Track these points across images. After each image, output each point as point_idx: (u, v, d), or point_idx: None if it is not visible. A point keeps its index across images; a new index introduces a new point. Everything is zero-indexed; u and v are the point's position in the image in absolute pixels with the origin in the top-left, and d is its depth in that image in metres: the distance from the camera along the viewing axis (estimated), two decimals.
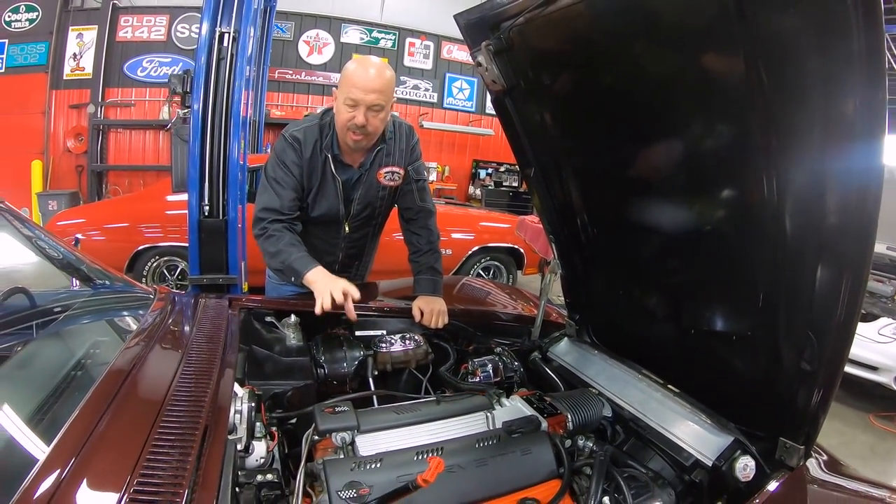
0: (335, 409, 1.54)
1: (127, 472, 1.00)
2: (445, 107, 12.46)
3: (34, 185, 10.07)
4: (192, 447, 1.10)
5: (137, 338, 1.63)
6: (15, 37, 10.20)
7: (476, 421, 1.67)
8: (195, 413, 1.23)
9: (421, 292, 2.37)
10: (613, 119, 1.65)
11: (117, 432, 1.14)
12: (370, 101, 2.15)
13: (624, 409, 1.75)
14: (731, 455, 1.45)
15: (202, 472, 1.05)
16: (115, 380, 1.33)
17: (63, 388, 1.44)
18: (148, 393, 1.35)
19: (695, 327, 1.69)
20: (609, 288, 2.04)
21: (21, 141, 10.27)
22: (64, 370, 1.57)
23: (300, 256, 2.20)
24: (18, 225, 2.25)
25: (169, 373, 1.42)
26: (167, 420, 1.19)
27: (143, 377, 1.40)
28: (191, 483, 0.99)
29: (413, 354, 2.08)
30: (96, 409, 1.18)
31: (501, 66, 1.75)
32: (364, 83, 2.14)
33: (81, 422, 1.13)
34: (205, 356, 1.54)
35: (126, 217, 6.32)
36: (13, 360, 1.63)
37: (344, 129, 2.23)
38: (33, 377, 1.57)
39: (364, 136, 2.24)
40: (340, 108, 2.21)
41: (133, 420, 1.20)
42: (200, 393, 1.32)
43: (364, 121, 2.17)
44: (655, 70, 1.45)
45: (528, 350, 2.24)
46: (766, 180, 1.23)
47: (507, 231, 6.83)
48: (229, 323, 1.89)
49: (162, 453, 1.07)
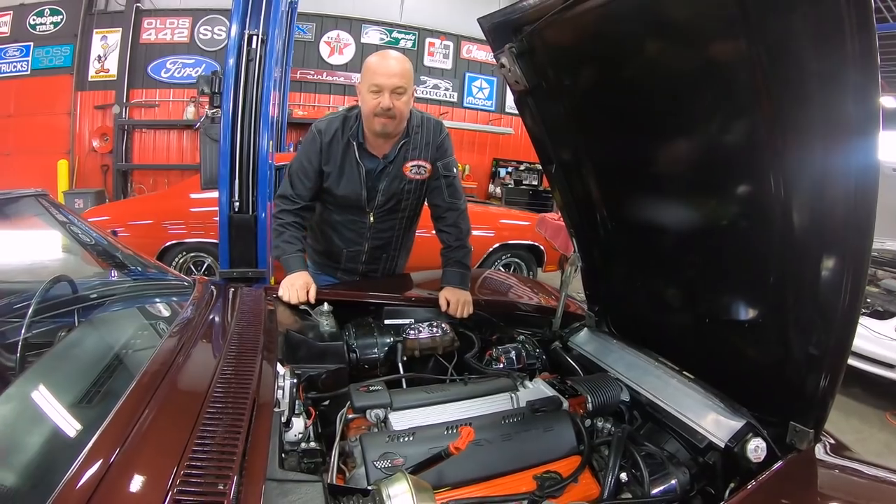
0: (369, 388, 1.65)
1: (184, 439, 1.08)
2: (465, 106, 12.49)
3: (60, 183, 10.23)
4: (243, 417, 1.19)
5: (183, 323, 1.73)
6: (40, 40, 10.45)
7: (501, 400, 1.78)
8: (244, 388, 1.32)
9: (448, 284, 2.48)
10: (629, 117, 1.72)
11: (172, 404, 1.24)
12: (393, 85, 2.33)
13: (641, 394, 1.82)
14: (744, 437, 1.50)
15: (252, 439, 1.13)
16: (166, 358, 1.43)
17: (111, 373, 1.53)
18: (198, 370, 1.45)
19: (709, 316, 1.75)
20: (627, 280, 2.12)
21: (48, 141, 10.51)
22: (110, 356, 1.68)
23: (291, 257, 2.48)
24: (62, 217, 2.38)
25: (216, 354, 1.53)
26: (217, 394, 1.28)
27: (191, 358, 1.50)
28: (243, 448, 1.08)
29: (440, 341, 2.19)
30: (149, 386, 1.27)
31: (524, 67, 1.83)
32: (385, 69, 2.35)
33: (134, 397, 1.22)
34: (247, 339, 1.64)
35: (151, 214, 6.46)
36: (59, 347, 1.72)
37: (371, 116, 2.38)
38: (80, 364, 1.65)
39: (390, 119, 2.38)
40: (366, 97, 2.38)
41: (187, 393, 1.32)
42: (247, 370, 1.42)
43: (389, 103, 2.33)
44: (668, 70, 1.52)
45: (550, 340, 2.32)
46: (773, 177, 1.30)
47: (528, 228, 6.93)
48: (266, 309, 2.00)
49: (215, 420, 1.16)
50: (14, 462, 1.13)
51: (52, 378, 1.50)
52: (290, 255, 2.46)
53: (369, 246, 2.79)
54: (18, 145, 10.54)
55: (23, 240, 2.37)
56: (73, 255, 2.48)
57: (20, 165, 10.46)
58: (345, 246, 2.80)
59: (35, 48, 10.47)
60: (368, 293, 2.48)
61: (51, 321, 1.88)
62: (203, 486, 0.95)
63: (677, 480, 1.52)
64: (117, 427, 1.09)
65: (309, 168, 2.57)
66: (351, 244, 2.79)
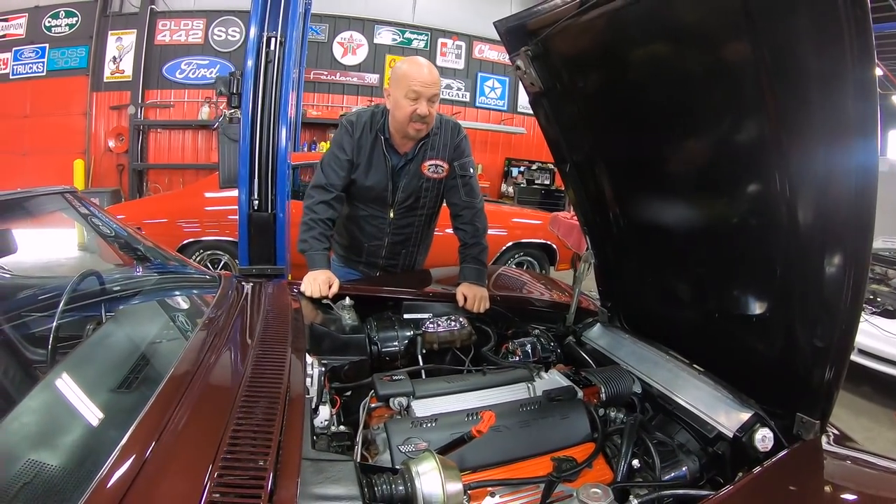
0: (392, 378, 1.73)
1: (223, 422, 1.15)
2: (478, 106, 12.53)
3: (76, 183, 10.21)
4: (278, 402, 1.25)
5: (213, 315, 1.81)
6: (55, 41, 10.64)
7: (519, 390, 1.85)
8: (278, 376, 1.39)
9: (465, 280, 2.54)
10: (641, 118, 1.78)
11: (210, 392, 1.32)
12: (430, 93, 2.46)
13: (652, 386, 1.87)
14: (751, 427, 1.54)
15: (287, 421, 1.20)
16: (200, 349, 1.50)
17: (142, 367, 1.57)
18: (233, 360, 1.53)
19: (718, 311, 1.80)
20: (639, 276, 2.17)
21: (64, 141, 10.69)
22: (144, 348, 1.74)
23: (316, 254, 2.53)
24: (91, 212, 2.45)
25: (247, 344, 1.60)
26: (252, 382, 1.34)
27: (225, 348, 1.57)
28: (280, 430, 1.15)
29: (458, 335, 2.24)
30: (184, 377, 1.33)
31: (539, 69, 1.89)
32: (423, 78, 2.45)
33: (171, 386, 1.27)
34: (276, 330, 1.71)
35: (166, 213, 6.54)
36: (89, 343, 1.79)
37: (406, 120, 2.48)
38: (112, 356, 1.71)
39: (425, 125, 2.50)
40: (402, 102, 2.47)
41: (222, 380, 1.40)
42: (279, 360, 1.48)
43: (426, 111, 2.46)
44: (677, 72, 1.58)
45: (563, 334, 2.37)
46: (779, 175, 1.35)
47: (540, 227, 6.96)
48: (292, 303, 2.08)
49: (251, 405, 1.23)
50: (50, 454, 1.16)
51: (84, 371, 1.55)
52: (315, 252, 2.52)
53: (389, 241, 2.88)
54: (35, 145, 10.71)
55: (51, 235, 2.43)
56: (100, 249, 2.53)
57: (37, 165, 10.60)
58: (366, 240, 2.89)
59: (51, 50, 10.65)
60: (388, 288, 2.56)
61: (81, 315, 1.95)
62: (244, 462, 1.02)
63: (687, 468, 1.56)
64: (154, 416, 1.14)
65: (342, 157, 2.64)
66: (372, 239, 2.88)
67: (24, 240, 2.34)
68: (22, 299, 2.16)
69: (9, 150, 10.66)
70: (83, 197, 2.46)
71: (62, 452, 1.19)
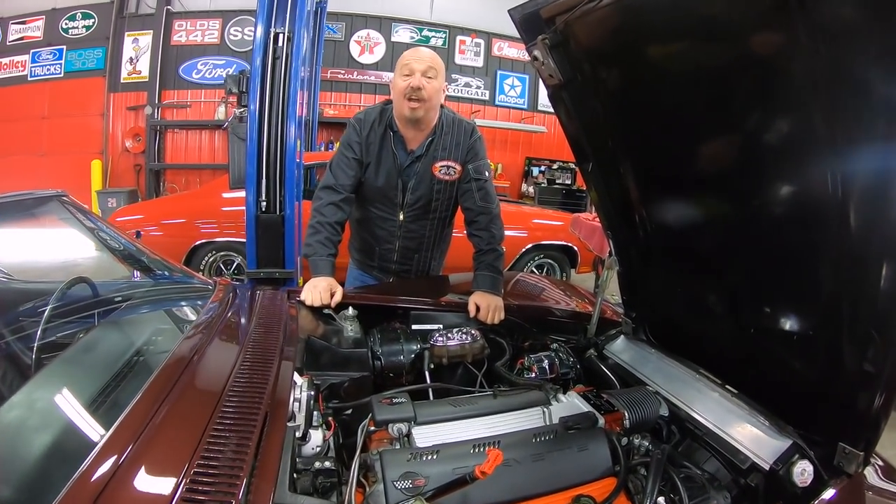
0: (392, 401, 1.57)
1: (187, 457, 1.02)
2: (497, 104, 12.40)
3: (94, 183, 10.55)
4: (252, 433, 1.12)
5: (198, 327, 1.68)
6: (72, 43, 10.80)
7: (533, 416, 1.67)
8: (255, 400, 1.25)
9: (478, 288, 2.40)
10: (671, 112, 1.62)
11: (178, 417, 1.18)
12: (423, 68, 2.41)
13: (680, 408, 1.72)
14: (789, 459, 1.41)
15: (261, 457, 1.07)
16: (176, 366, 1.37)
17: (124, 375, 1.49)
18: (209, 379, 1.39)
19: (754, 326, 1.65)
20: (667, 285, 2.01)
21: (81, 141, 10.84)
22: (125, 357, 1.64)
23: (321, 259, 2.40)
24: (82, 217, 2.38)
25: (229, 361, 1.46)
26: (227, 406, 1.21)
27: (204, 365, 1.44)
28: (250, 468, 1.01)
29: (469, 349, 2.08)
30: (157, 395, 1.22)
31: (558, 59, 1.73)
32: (416, 55, 2.45)
33: (143, 405, 1.18)
34: (264, 346, 1.58)
35: (183, 213, 6.50)
36: (76, 347, 1.70)
37: (402, 98, 2.42)
38: (95, 363, 1.63)
39: (420, 102, 2.40)
40: (397, 82, 2.46)
41: (193, 405, 1.25)
42: (261, 380, 1.35)
43: (419, 83, 2.39)
44: (714, 61, 1.42)
45: (584, 347, 2.22)
46: (830, 175, 1.19)
47: (561, 228, 6.81)
48: (288, 314, 1.94)
49: (222, 439, 1.09)
50: (20, 464, 1.10)
51: (60, 383, 1.47)
52: (319, 258, 2.40)
53: (400, 245, 2.77)
54: (53, 146, 10.86)
55: (42, 240, 2.38)
56: (93, 255, 2.47)
57: (55, 165, 10.76)
58: (377, 244, 2.80)
59: (68, 51, 10.80)
60: (395, 297, 2.41)
61: (66, 322, 1.86)
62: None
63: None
64: (115, 445, 1.03)
65: (350, 157, 2.56)
66: (383, 242, 2.78)
67: (23, 242, 2.35)
68: (14, 305, 2.07)
69: (27, 150, 10.83)
70: (75, 202, 2.39)
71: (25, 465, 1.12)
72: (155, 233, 6.27)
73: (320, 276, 2.32)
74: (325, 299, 2.20)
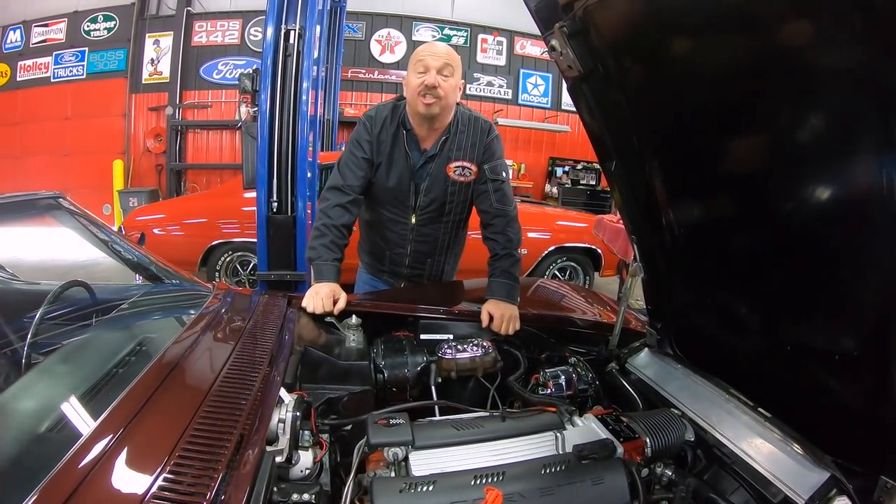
0: (389, 422, 1.41)
1: (148, 480, 0.92)
2: (520, 103, 12.33)
3: (116, 182, 10.80)
4: (222, 458, 1.00)
5: (182, 338, 1.57)
6: (94, 45, 11.15)
7: (544, 442, 1.49)
8: (231, 421, 1.14)
9: (492, 296, 2.25)
10: (703, 106, 1.46)
11: (140, 443, 1.06)
12: (439, 65, 2.27)
13: (707, 432, 1.56)
14: (826, 494, 1.26)
15: (230, 487, 0.95)
16: (152, 381, 1.27)
17: (94, 393, 1.39)
18: (183, 397, 1.27)
19: (791, 343, 1.49)
20: (695, 294, 1.85)
21: (103, 142, 11.15)
22: (100, 371, 1.53)
23: (325, 264, 2.29)
24: (79, 220, 2.32)
25: (209, 377, 1.34)
26: (199, 427, 1.10)
27: (178, 382, 1.33)
28: (213, 499, 0.90)
29: (480, 362, 1.93)
30: (126, 413, 1.12)
31: (577, 49, 1.57)
32: (432, 51, 2.31)
33: (105, 427, 1.07)
34: (252, 359, 1.46)
35: (202, 212, 6.51)
36: (58, 354, 1.64)
37: (416, 96, 2.30)
38: (75, 370, 1.58)
39: (435, 99, 2.27)
40: (411, 79, 2.32)
41: (163, 425, 1.13)
42: (240, 398, 1.23)
43: (434, 81, 2.25)
44: (752, 47, 1.25)
45: (605, 360, 2.07)
46: (886, 174, 1.04)
47: (585, 230, 6.65)
48: (285, 323, 1.82)
49: (185, 468, 0.97)
50: None
51: (31, 394, 1.43)
52: (324, 262, 2.28)
53: (413, 249, 2.63)
54: (76, 146, 11.18)
55: (38, 242, 2.35)
56: (88, 258, 2.42)
57: (77, 165, 11.10)
58: (388, 248, 2.66)
59: (90, 53, 11.14)
60: (403, 305, 2.26)
61: (57, 325, 1.84)
62: None
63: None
64: (63, 482, 0.92)
65: (360, 156, 2.42)
66: (394, 246, 2.64)
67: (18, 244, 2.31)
68: (14, 305, 2.13)
69: (51, 150, 11.21)
70: (71, 203, 2.32)
71: None
72: (176, 232, 6.35)
73: (324, 282, 2.19)
74: (327, 306, 2.07)
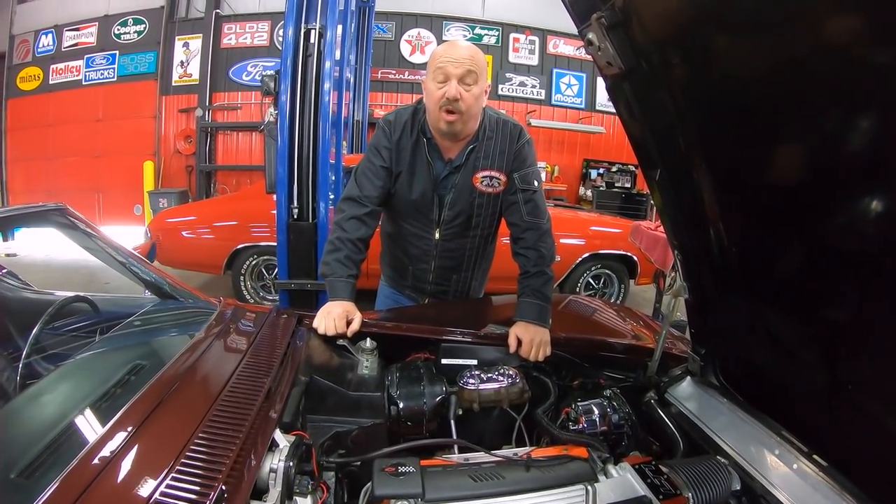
0: (398, 469, 1.24)
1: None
2: (554, 104, 12.17)
3: (146, 184, 11.06)
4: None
5: (174, 366, 1.42)
6: (125, 48, 11.51)
7: (573, 497, 1.29)
8: (211, 472, 0.98)
9: (521, 318, 2.06)
10: (762, 107, 1.27)
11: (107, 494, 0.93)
12: (461, 73, 2.04)
13: (755, 480, 1.39)
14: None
15: None
16: (133, 418, 1.13)
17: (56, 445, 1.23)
18: (163, 439, 1.11)
19: (853, 381, 1.30)
20: (745, 319, 1.65)
21: (134, 143, 11.45)
22: (84, 402, 1.40)
23: (339, 280, 2.13)
24: (82, 231, 2.27)
25: (196, 415, 1.19)
26: (176, 479, 0.96)
27: (160, 421, 1.17)
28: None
29: (506, 393, 1.76)
30: (90, 472, 0.97)
31: (617, 43, 1.38)
32: (452, 54, 2.05)
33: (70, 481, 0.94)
34: (246, 393, 1.31)
35: (234, 215, 6.49)
36: (50, 377, 1.58)
37: (436, 109, 2.09)
38: (61, 397, 1.49)
39: (458, 114, 2.08)
40: (431, 88, 2.10)
41: (138, 469, 0.99)
42: (228, 444, 1.08)
43: (456, 94, 2.04)
44: (824, 45, 1.06)
45: (643, 387, 1.89)
46: None
47: (620, 237, 6.44)
48: (289, 350, 1.66)
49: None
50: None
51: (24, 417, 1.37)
52: (337, 279, 2.11)
53: (437, 265, 2.45)
54: (107, 147, 11.48)
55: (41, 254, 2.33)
56: (89, 271, 2.39)
57: (109, 166, 11.43)
58: (411, 264, 2.48)
59: (120, 56, 11.47)
60: (423, 327, 2.07)
61: (54, 342, 1.85)
62: None
63: None
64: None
65: (378, 164, 2.25)
66: (417, 262, 2.46)
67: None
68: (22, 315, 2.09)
69: (83, 152, 11.52)
70: (74, 215, 2.25)
71: None
72: (207, 235, 6.37)
73: (337, 301, 2.03)
74: (340, 328, 1.91)
